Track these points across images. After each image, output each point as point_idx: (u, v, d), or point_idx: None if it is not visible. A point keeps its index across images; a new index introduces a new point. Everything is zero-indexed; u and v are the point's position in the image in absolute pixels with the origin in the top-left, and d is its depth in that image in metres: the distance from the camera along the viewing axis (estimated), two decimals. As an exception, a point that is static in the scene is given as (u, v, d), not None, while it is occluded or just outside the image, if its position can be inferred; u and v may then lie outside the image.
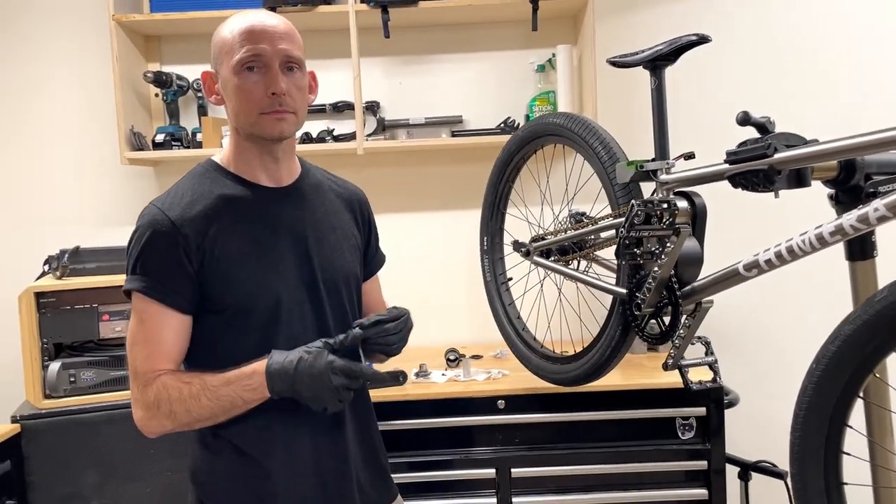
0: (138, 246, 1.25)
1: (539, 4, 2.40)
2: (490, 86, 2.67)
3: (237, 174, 1.33)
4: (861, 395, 1.09)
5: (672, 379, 2.13)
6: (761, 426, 2.56)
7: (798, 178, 1.28)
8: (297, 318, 1.30)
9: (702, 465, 2.14)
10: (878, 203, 1.09)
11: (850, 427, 1.10)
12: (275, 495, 1.29)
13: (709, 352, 1.58)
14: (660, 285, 1.41)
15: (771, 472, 2.35)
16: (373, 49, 2.59)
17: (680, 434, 2.16)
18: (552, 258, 1.79)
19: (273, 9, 2.42)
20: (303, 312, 1.31)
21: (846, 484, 1.11)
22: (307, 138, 2.58)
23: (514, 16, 2.52)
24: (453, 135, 2.59)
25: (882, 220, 1.09)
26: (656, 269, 1.40)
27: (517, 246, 1.84)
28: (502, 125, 2.58)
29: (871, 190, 1.29)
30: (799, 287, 2.28)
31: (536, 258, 1.78)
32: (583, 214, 1.81)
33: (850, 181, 1.29)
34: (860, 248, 1.29)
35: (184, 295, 1.25)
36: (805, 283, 2.24)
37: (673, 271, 1.41)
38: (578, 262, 1.81)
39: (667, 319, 1.46)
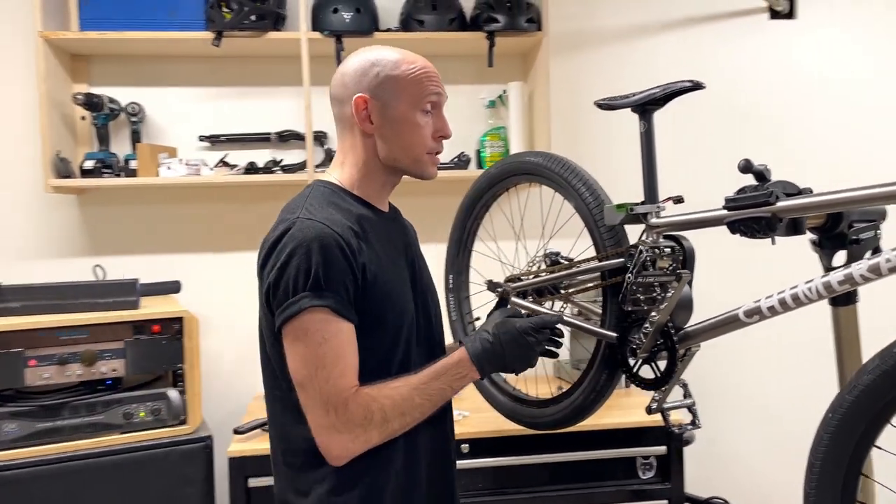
0: (311, 260, 1.18)
1: (495, 41, 2.40)
2: (440, 119, 2.64)
3: (361, 196, 1.34)
4: (878, 445, 1.09)
5: (632, 419, 2.15)
6: (709, 463, 2.61)
7: (794, 226, 1.30)
8: (414, 341, 1.34)
9: (662, 504, 2.15)
10: (892, 254, 1.10)
11: (866, 476, 1.11)
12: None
13: (687, 394, 1.57)
14: (657, 330, 1.39)
15: (722, 507, 2.39)
16: (321, 78, 2.50)
17: (640, 474, 2.16)
18: (529, 299, 1.75)
19: (220, 33, 2.31)
20: (419, 333, 1.35)
21: (862, 534, 1.11)
22: (252, 168, 2.45)
23: (468, 51, 2.50)
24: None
25: (894, 270, 1.11)
26: (654, 313, 1.39)
27: (492, 286, 1.79)
28: (456, 160, 2.55)
29: (854, 237, 1.33)
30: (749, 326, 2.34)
31: (515, 299, 1.74)
32: (557, 254, 1.78)
33: (837, 229, 1.32)
34: (844, 295, 1.32)
35: (353, 309, 1.22)
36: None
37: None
38: (553, 304, 1.77)
39: (661, 364, 1.44)
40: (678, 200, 1.47)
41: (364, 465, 1.24)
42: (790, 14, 2.79)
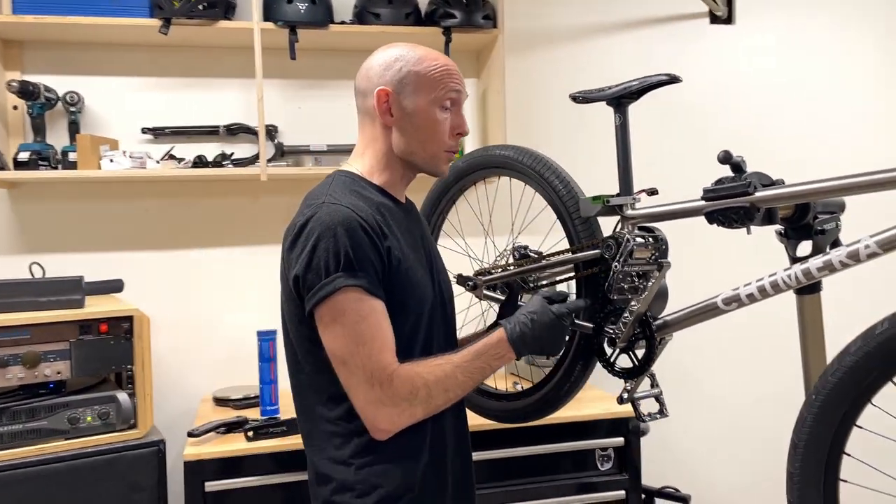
0: (340, 242, 1.21)
1: (452, 37, 2.39)
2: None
3: (381, 186, 1.37)
4: (859, 424, 1.14)
5: (591, 411, 2.17)
6: (660, 454, 2.67)
7: (769, 216, 1.34)
8: (434, 327, 1.37)
9: (620, 495, 2.18)
10: (870, 240, 1.15)
11: (848, 455, 1.15)
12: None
13: (654, 384, 1.60)
14: (636, 320, 1.41)
15: (674, 497, 2.44)
16: (272, 70, 2.44)
17: (599, 465, 2.19)
18: (498, 293, 1.75)
19: (168, 21, 2.21)
20: (435, 321, 1.37)
21: (844, 510, 1.15)
22: (200, 162, 2.36)
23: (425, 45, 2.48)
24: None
25: (872, 256, 1.15)
26: (634, 303, 1.41)
27: (462, 280, 1.78)
28: (410, 155, 2.53)
29: (819, 228, 1.39)
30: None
31: (486, 292, 1.73)
32: (525, 248, 1.79)
33: (804, 219, 1.37)
34: (810, 285, 1.37)
35: (382, 290, 1.25)
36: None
37: (644, 305, 1.42)
38: (521, 297, 1.78)
39: (638, 353, 1.46)
40: (652, 192, 1.50)
41: (394, 444, 1.26)
42: (729, 19, 2.90)
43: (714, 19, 2.88)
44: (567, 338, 1.40)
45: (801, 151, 2.80)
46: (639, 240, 1.39)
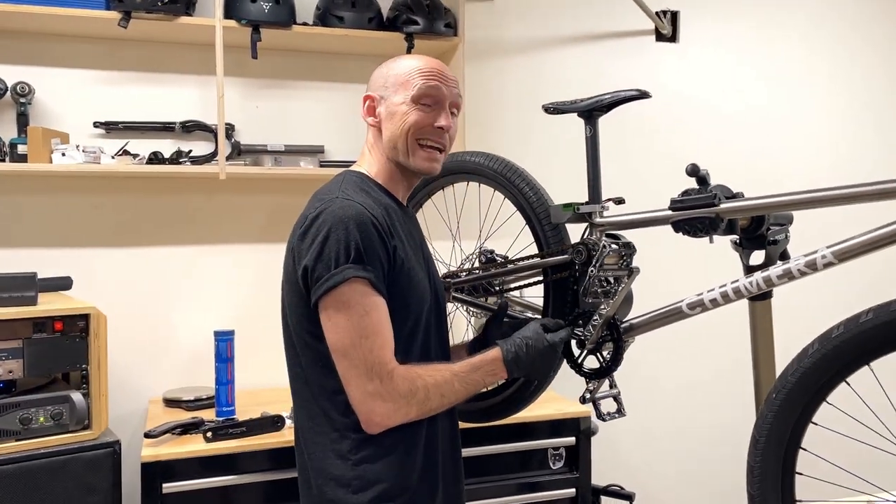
0: (351, 235, 1.24)
1: (415, 43, 2.42)
2: (350, 118, 2.62)
3: (386, 188, 1.42)
4: (814, 421, 1.23)
5: (545, 412, 2.24)
6: (605, 452, 2.76)
7: (731, 227, 1.43)
8: (431, 329, 1.41)
9: (570, 493, 2.25)
10: (826, 251, 1.24)
11: (804, 449, 1.24)
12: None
13: (612, 384, 1.68)
14: (605, 322, 1.48)
15: (619, 494, 2.53)
16: (231, 68, 2.41)
17: (551, 464, 2.26)
18: (465, 295, 1.79)
19: (128, 14, 2.17)
20: (432, 324, 1.41)
21: (800, 501, 1.24)
22: (157, 158, 2.32)
23: (385, 51, 2.50)
24: (321, 165, 2.50)
25: (828, 265, 1.25)
26: (604, 307, 1.47)
27: (430, 282, 1.82)
28: (369, 158, 2.55)
29: (772, 239, 1.49)
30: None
31: (455, 294, 1.78)
32: (492, 252, 1.84)
33: (759, 230, 1.47)
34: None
35: (386, 289, 1.28)
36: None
37: (610, 309, 1.49)
38: (486, 299, 1.83)
39: (605, 354, 1.52)
40: (619, 201, 1.57)
41: (390, 442, 1.29)
42: (673, 38, 3.03)
43: (659, 37, 3.01)
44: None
45: (745, 165, 2.95)
46: (613, 246, 1.46)
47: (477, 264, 1.83)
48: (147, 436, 1.96)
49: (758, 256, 1.49)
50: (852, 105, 3.24)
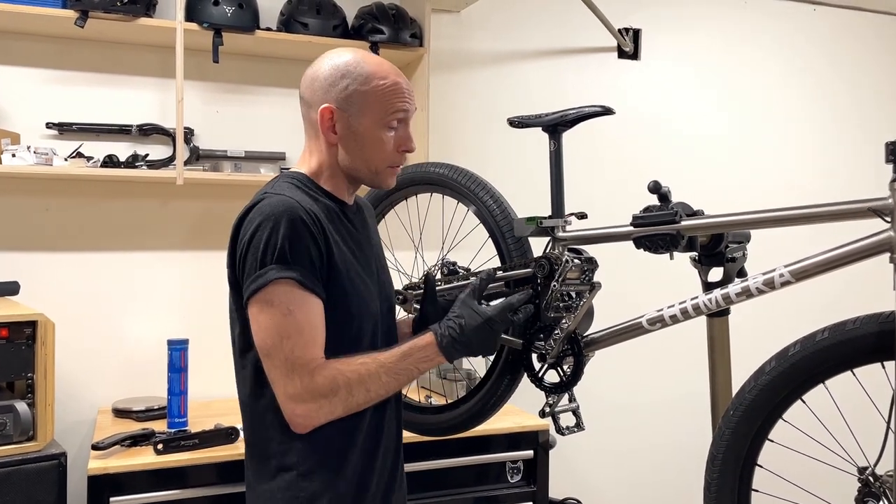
0: (279, 233, 1.21)
1: (380, 53, 2.41)
2: (313, 125, 2.60)
3: (326, 189, 1.37)
4: (770, 438, 1.25)
5: (503, 425, 2.23)
6: (562, 466, 2.77)
7: (691, 244, 1.44)
8: (378, 335, 1.37)
9: (528, 506, 2.25)
10: (784, 269, 1.26)
11: (760, 466, 1.25)
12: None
13: (572, 398, 1.68)
14: (566, 336, 1.48)
15: (576, 507, 2.54)
16: (191, 72, 2.37)
17: (509, 478, 2.25)
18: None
19: (85, 13, 2.12)
20: (378, 328, 1.38)
21: (755, 517, 1.26)
22: (112, 162, 2.26)
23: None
24: (282, 171, 2.45)
25: (786, 284, 1.27)
26: (565, 321, 1.47)
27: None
28: (331, 167, 2.52)
29: (730, 256, 1.51)
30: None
31: (416, 306, 1.76)
32: (454, 264, 1.83)
33: (717, 248, 1.49)
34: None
35: (321, 284, 1.25)
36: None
37: (571, 323, 1.49)
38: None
39: (565, 368, 1.52)
40: (581, 216, 1.58)
41: (330, 430, 1.28)
42: (635, 55, 3.07)
43: (622, 54, 3.05)
44: (501, 333, 1.38)
45: (705, 182, 3.00)
46: (576, 261, 1.46)
47: (439, 276, 1.82)
48: (95, 447, 1.90)
49: (716, 273, 1.51)
50: (813, 123, 3.33)
